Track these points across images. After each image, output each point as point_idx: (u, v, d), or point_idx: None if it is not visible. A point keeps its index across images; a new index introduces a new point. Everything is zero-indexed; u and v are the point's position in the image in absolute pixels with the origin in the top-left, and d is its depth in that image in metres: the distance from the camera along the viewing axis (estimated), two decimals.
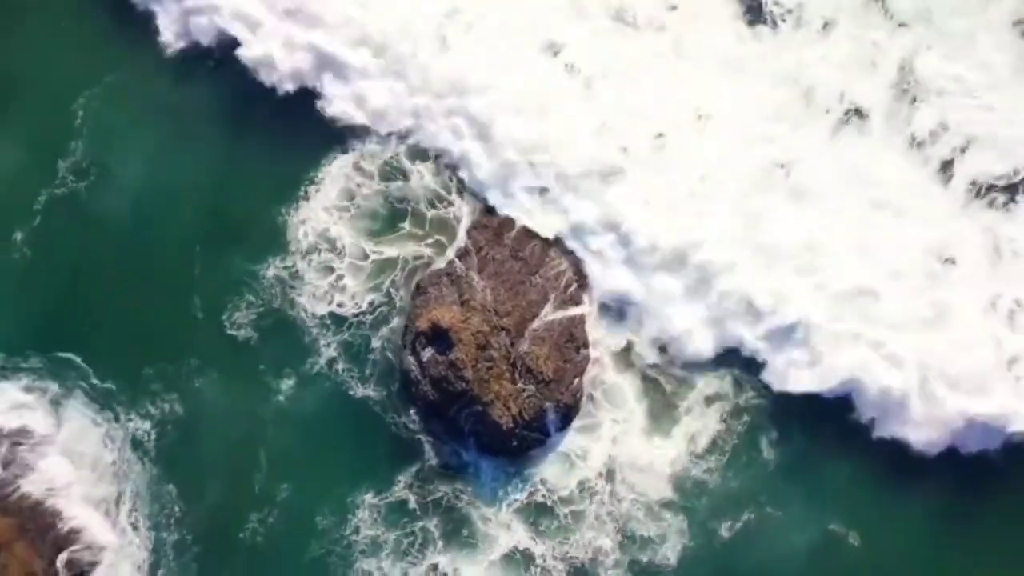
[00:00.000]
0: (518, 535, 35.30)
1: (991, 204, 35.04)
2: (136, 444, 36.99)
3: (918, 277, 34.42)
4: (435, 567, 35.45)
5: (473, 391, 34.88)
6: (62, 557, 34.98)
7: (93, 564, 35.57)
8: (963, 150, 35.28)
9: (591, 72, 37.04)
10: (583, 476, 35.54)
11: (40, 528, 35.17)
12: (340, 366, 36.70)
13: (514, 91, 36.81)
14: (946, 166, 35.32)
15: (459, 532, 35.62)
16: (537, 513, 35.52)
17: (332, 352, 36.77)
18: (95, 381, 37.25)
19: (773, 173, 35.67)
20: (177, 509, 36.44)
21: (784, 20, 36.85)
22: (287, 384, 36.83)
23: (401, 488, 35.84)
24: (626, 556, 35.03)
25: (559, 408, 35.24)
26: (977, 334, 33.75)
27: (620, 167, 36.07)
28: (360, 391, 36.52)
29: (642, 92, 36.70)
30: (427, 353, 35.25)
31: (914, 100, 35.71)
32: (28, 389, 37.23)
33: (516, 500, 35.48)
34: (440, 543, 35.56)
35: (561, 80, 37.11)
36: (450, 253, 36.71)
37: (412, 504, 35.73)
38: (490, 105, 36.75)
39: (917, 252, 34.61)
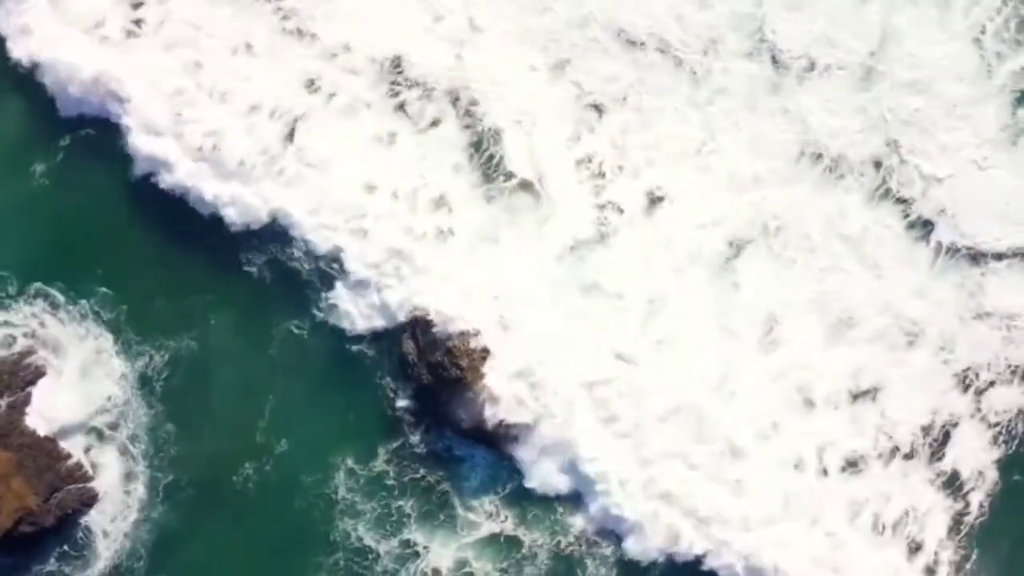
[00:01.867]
0: (504, 523, 36.27)
1: (971, 263, 36.92)
2: (144, 381, 36.82)
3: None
4: (408, 543, 36.36)
5: (466, 379, 35.96)
6: (57, 495, 35.04)
7: (89, 502, 35.68)
8: (944, 211, 36.99)
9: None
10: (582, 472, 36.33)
11: (38, 464, 34.90)
12: (333, 321, 37.16)
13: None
14: (926, 225, 37.15)
15: (437, 515, 36.58)
16: (529, 503, 36.51)
17: (334, 303, 37.08)
18: (104, 313, 36.93)
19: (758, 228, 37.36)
20: (175, 450, 36.57)
21: (794, 62, 37.86)
22: (291, 330, 37.20)
23: (380, 462, 36.64)
24: (616, 551, 36.27)
25: None
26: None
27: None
28: (355, 348, 37.18)
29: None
30: (426, 338, 36.47)
31: (902, 160, 37.15)
32: (36, 318, 36.68)
33: (504, 491, 36.50)
34: (415, 525, 36.45)
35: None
36: None
37: (391, 480, 36.62)
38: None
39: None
